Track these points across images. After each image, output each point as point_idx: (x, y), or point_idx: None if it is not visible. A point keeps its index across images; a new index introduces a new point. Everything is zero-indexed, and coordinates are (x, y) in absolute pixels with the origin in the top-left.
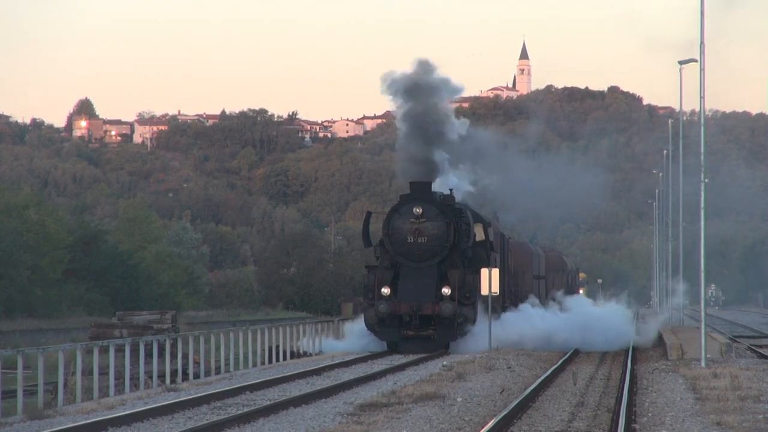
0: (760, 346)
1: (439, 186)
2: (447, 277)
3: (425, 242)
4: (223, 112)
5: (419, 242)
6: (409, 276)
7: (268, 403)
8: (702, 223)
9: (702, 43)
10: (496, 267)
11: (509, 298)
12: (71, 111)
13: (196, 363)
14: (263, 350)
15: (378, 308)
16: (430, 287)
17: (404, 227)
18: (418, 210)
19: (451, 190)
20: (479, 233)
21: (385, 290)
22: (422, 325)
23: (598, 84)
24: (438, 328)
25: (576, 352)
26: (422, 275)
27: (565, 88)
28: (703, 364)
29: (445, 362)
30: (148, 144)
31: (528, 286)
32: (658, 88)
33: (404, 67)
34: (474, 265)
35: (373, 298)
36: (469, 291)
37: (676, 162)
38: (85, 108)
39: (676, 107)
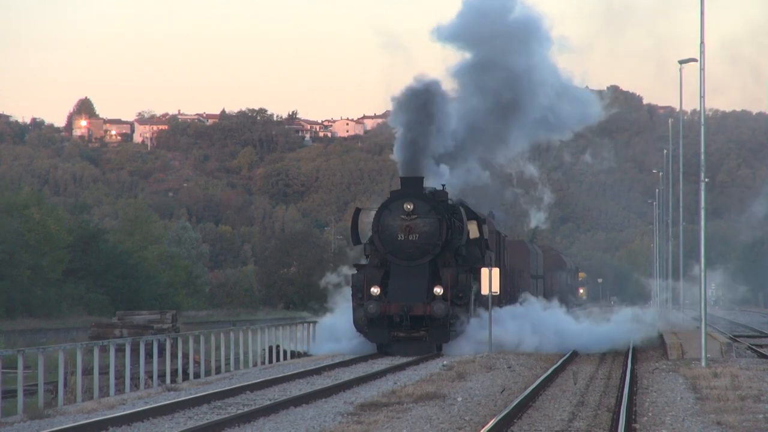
0: (761, 346)
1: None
2: (439, 276)
3: (416, 240)
4: (223, 111)
5: (410, 240)
6: (400, 275)
7: (269, 402)
8: (702, 223)
9: (702, 42)
10: (490, 266)
11: (504, 298)
12: (71, 110)
13: (196, 363)
14: (263, 350)
15: (367, 309)
16: (422, 287)
17: (394, 224)
18: (408, 206)
19: (443, 185)
20: (473, 230)
21: (375, 290)
22: (413, 326)
23: (598, 84)
24: (430, 329)
25: (576, 352)
26: (413, 274)
27: None
28: (703, 363)
29: (445, 362)
30: (148, 144)
31: (525, 285)
32: (658, 87)
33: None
34: (468, 264)
35: (362, 298)
36: (462, 291)
37: (676, 162)
38: (85, 107)
39: (676, 107)
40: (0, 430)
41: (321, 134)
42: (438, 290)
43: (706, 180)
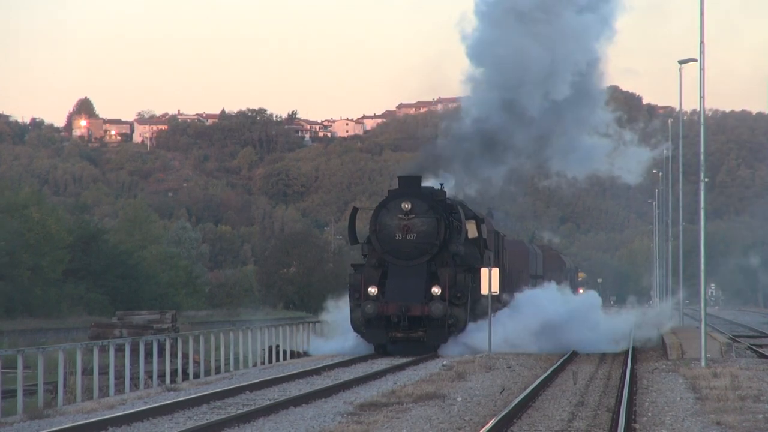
0: (760, 346)
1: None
2: (437, 276)
3: (414, 239)
4: (223, 111)
5: (408, 239)
6: (398, 275)
7: (268, 402)
8: (702, 223)
9: (702, 42)
10: (489, 266)
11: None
12: (71, 110)
13: (196, 363)
14: (263, 350)
15: (364, 309)
16: (419, 287)
17: (392, 224)
18: (406, 205)
19: (441, 184)
20: (471, 230)
21: (372, 290)
22: (411, 327)
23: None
24: (427, 329)
25: (575, 352)
26: (411, 274)
27: None
28: (703, 363)
29: (445, 362)
30: (148, 144)
31: (524, 285)
32: (658, 87)
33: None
34: (466, 264)
35: (359, 298)
36: (460, 291)
37: (676, 162)
38: (84, 107)
39: (676, 107)
40: (0, 430)
41: (321, 134)
42: (436, 290)
43: (706, 180)
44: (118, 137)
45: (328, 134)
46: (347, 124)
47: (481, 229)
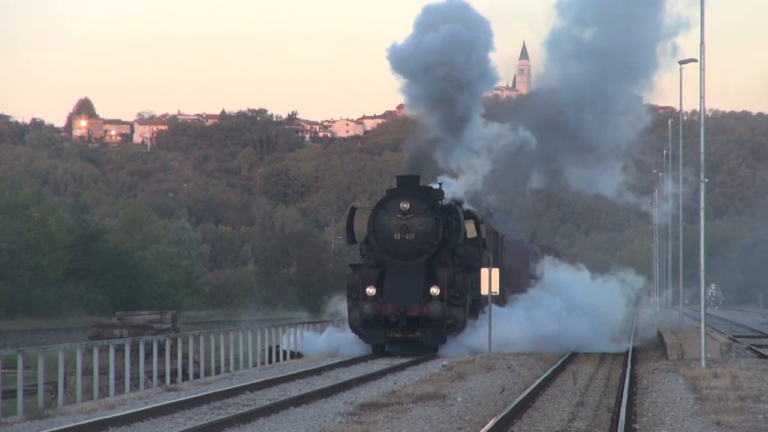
0: (760, 346)
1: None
2: (436, 276)
3: (413, 239)
4: (223, 111)
5: (406, 239)
6: (396, 275)
7: (268, 402)
8: (702, 223)
9: (702, 43)
10: (488, 266)
11: (503, 298)
12: (71, 111)
13: (196, 363)
14: (263, 350)
15: (362, 309)
16: (418, 287)
17: (390, 223)
18: (405, 205)
19: (440, 184)
20: (470, 230)
21: (370, 290)
22: (409, 327)
23: None
24: (426, 330)
25: (575, 352)
26: (409, 274)
27: None
28: (703, 364)
29: (445, 362)
30: (148, 144)
31: (524, 285)
32: (658, 87)
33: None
34: (465, 264)
35: (357, 298)
36: (459, 291)
37: (676, 162)
38: (85, 108)
39: (676, 107)
40: (0, 430)
41: (321, 134)
42: (434, 290)
43: (706, 180)
44: (118, 137)
45: (328, 134)
46: (347, 124)
47: (480, 229)
